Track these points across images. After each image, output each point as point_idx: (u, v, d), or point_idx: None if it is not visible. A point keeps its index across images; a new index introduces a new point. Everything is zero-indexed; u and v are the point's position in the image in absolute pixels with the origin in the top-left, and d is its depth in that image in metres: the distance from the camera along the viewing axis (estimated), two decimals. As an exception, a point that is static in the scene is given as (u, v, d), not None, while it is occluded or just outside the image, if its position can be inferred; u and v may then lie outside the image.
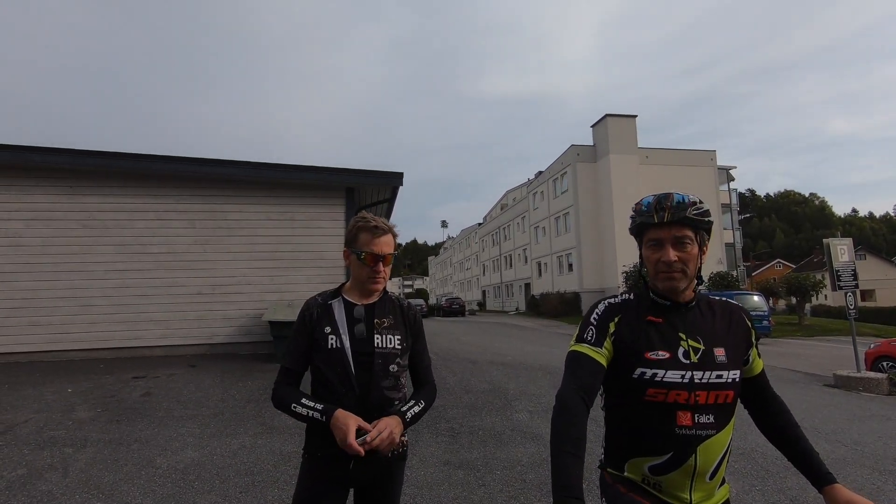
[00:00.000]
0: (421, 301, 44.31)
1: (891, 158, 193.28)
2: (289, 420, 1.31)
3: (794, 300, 27.28)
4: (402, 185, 9.17)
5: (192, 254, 8.67)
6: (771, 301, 28.69)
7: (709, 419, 1.28)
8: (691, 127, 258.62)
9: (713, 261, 32.36)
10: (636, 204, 1.41)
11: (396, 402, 1.70)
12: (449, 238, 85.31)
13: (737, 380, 1.33)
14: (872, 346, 10.21)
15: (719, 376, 1.30)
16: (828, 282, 9.62)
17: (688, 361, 1.31)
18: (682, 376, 1.29)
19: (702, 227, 1.36)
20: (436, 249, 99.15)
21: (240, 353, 8.67)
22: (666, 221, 1.33)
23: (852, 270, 9.13)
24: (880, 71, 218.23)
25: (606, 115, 33.98)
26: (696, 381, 1.29)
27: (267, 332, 8.17)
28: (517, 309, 44.92)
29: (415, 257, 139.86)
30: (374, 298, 1.77)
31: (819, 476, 1.30)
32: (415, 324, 1.83)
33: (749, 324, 1.43)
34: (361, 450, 1.48)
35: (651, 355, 1.31)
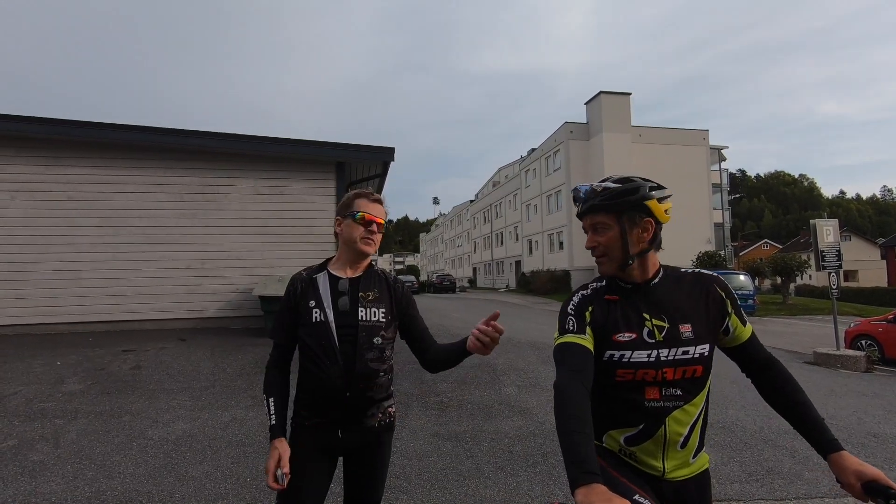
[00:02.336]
0: (412, 278, 44.45)
1: (879, 141, 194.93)
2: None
3: (779, 280, 27.75)
4: (393, 160, 9.08)
5: (181, 227, 8.57)
6: (756, 281, 29.16)
7: (676, 392, 1.34)
8: (684, 107, 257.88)
9: (702, 240, 32.69)
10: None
11: (381, 374, 1.73)
12: (441, 215, 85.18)
13: (706, 354, 1.35)
14: (853, 325, 10.48)
15: (685, 352, 1.34)
16: (813, 262, 9.78)
17: (653, 340, 1.35)
18: (649, 355, 1.33)
19: (619, 208, 1.37)
20: (427, 226, 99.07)
21: (230, 327, 8.68)
22: (581, 212, 1.42)
23: (836, 251, 9.27)
24: (872, 55, 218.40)
25: (601, 93, 33.66)
26: (663, 358, 1.33)
27: (257, 306, 8.17)
28: (507, 286, 45.24)
29: (406, 234, 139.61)
30: (360, 272, 1.80)
31: (823, 443, 1.28)
32: (403, 296, 1.84)
33: (722, 294, 1.42)
34: (277, 486, 1.54)
35: (618, 337, 1.36)
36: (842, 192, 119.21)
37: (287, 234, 8.91)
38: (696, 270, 1.48)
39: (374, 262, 1.89)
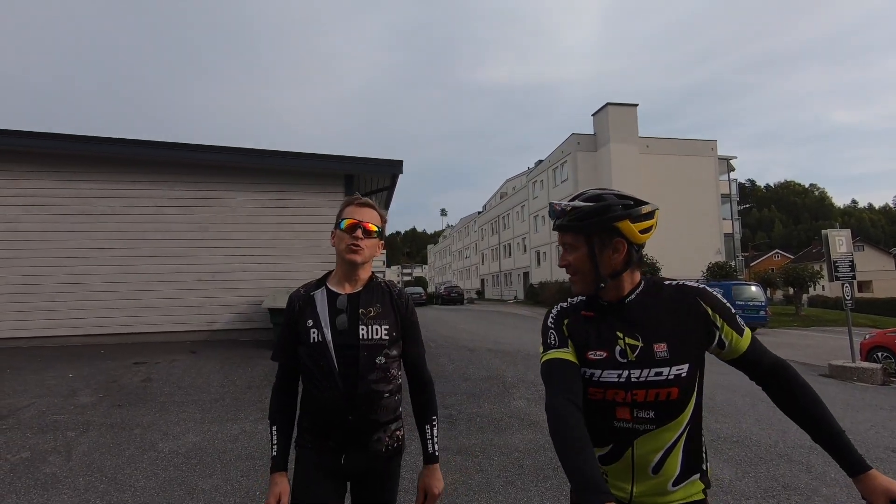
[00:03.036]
0: (420, 289, 44.39)
1: (891, 150, 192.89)
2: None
3: (791, 291, 27.41)
4: (401, 172, 9.15)
5: (191, 240, 8.67)
6: (769, 291, 28.80)
7: (649, 415, 1.26)
8: (692, 117, 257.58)
9: (712, 251, 32.43)
10: None
11: (386, 395, 1.64)
12: (448, 227, 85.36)
13: (682, 375, 1.26)
14: (868, 336, 10.31)
15: (658, 373, 1.26)
16: (825, 273, 9.66)
17: (625, 360, 1.28)
18: (619, 375, 1.28)
19: (587, 230, 1.30)
20: (435, 238, 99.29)
21: (240, 339, 8.72)
22: (553, 229, 1.40)
23: (850, 261, 9.17)
24: (882, 63, 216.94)
25: (607, 104, 33.76)
26: (633, 379, 1.27)
27: (267, 318, 8.21)
28: (515, 297, 45.06)
29: (414, 245, 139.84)
30: (360, 286, 1.70)
31: (850, 463, 1.19)
32: (406, 311, 1.73)
33: (706, 308, 1.31)
34: None
35: (591, 355, 1.31)
36: (854, 202, 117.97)
37: (296, 247, 8.97)
38: (679, 283, 1.38)
39: (377, 275, 1.78)
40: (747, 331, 1.34)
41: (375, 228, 1.70)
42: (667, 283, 1.38)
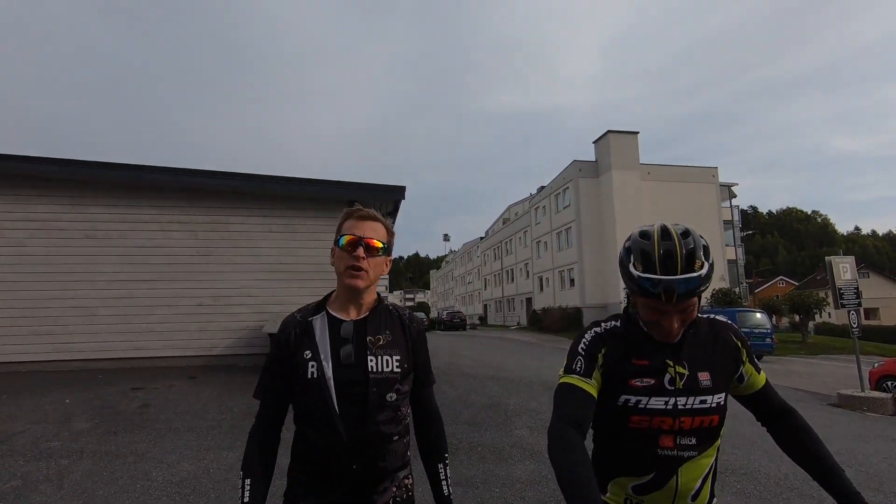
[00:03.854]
0: (422, 314, 44.17)
1: (892, 177, 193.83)
2: (285, 435, 1.29)
3: (797, 318, 27.12)
4: (403, 198, 9.22)
5: (194, 265, 8.70)
6: (774, 319, 28.49)
7: (691, 441, 1.28)
8: (693, 144, 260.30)
9: (716, 278, 32.27)
10: (637, 262, 1.22)
11: (395, 438, 1.41)
12: (451, 252, 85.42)
13: (721, 403, 1.31)
14: (876, 365, 10.13)
15: (703, 401, 1.28)
16: (831, 300, 9.57)
17: (672, 388, 1.28)
18: (666, 402, 1.27)
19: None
20: (437, 263, 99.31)
21: (240, 364, 8.64)
22: (675, 302, 1.19)
23: (855, 288, 9.09)
24: (880, 91, 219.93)
25: (608, 132, 34.18)
26: (680, 406, 1.27)
27: (267, 343, 8.14)
28: (518, 323, 44.70)
29: (416, 271, 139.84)
30: (366, 311, 1.45)
31: (844, 496, 1.22)
32: (418, 340, 1.50)
33: (737, 342, 1.39)
34: None
35: (636, 382, 1.29)
36: (857, 229, 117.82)
37: (298, 272, 8.98)
38: (710, 317, 1.43)
39: (383, 297, 1.53)
40: (763, 371, 1.43)
41: (380, 245, 1.43)
42: (697, 316, 1.36)
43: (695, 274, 1.16)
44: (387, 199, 9.51)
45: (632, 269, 1.22)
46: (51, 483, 3.96)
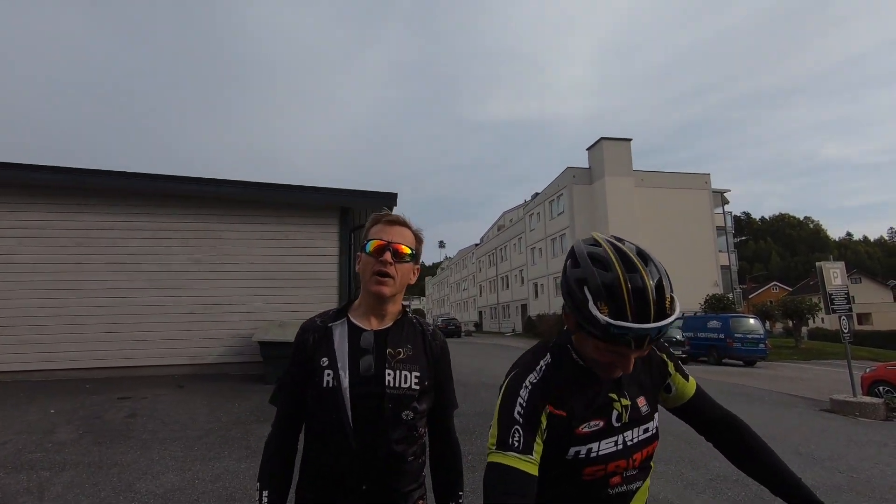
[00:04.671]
0: None
1: (882, 183, 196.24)
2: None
3: (790, 323, 27.24)
4: (395, 205, 9.19)
5: (184, 272, 8.62)
6: (768, 324, 28.58)
7: (635, 472, 1.17)
8: (686, 151, 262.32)
9: (709, 283, 32.39)
10: (599, 301, 0.97)
11: (410, 458, 1.32)
12: (446, 258, 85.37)
13: (657, 425, 1.20)
14: (868, 370, 10.15)
15: (646, 430, 1.17)
16: (823, 305, 9.61)
17: (619, 424, 1.13)
18: (616, 443, 1.12)
19: None
20: (433, 269, 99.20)
21: (230, 373, 8.55)
22: (644, 347, 1.00)
23: (845, 294, 9.13)
24: (869, 98, 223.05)
25: (602, 139, 34.43)
26: (629, 443, 1.13)
27: (258, 352, 8.07)
28: (514, 330, 44.65)
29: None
30: (388, 321, 1.37)
31: None
32: (441, 357, 1.41)
33: (661, 355, 1.26)
34: None
35: (584, 429, 1.09)
36: (849, 234, 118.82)
37: (290, 279, 8.93)
38: None
39: (408, 309, 1.45)
40: (692, 378, 1.30)
41: (409, 251, 1.36)
42: None
43: (671, 318, 0.97)
44: (378, 206, 9.47)
45: (594, 310, 0.96)
46: (31, 495, 3.88)
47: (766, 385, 11.88)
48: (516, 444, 1.03)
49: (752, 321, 18.64)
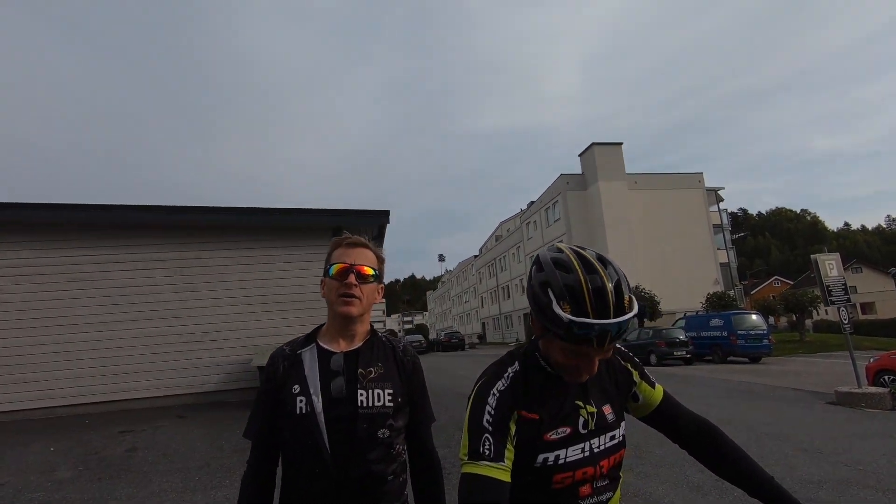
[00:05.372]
0: (419, 336, 43.83)
1: (876, 173, 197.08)
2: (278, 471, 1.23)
3: (794, 317, 27.16)
4: (388, 222, 9.24)
5: (177, 302, 8.62)
6: (772, 319, 28.52)
7: (605, 482, 1.16)
8: (679, 152, 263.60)
9: (709, 282, 32.36)
10: (562, 301, 1.00)
11: (390, 477, 1.32)
12: (446, 271, 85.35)
13: (624, 433, 1.21)
14: (872, 359, 10.09)
15: (613, 437, 1.17)
16: (822, 297, 9.60)
17: (586, 431, 1.14)
18: (583, 450, 1.13)
19: None
20: (434, 283, 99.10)
21: (229, 400, 8.50)
22: (606, 346, 1.02)
23: (843, 284, 9.12)
24: (856, 92, 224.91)
25: (593, 144, 34.67)
26: (596, 450, 1.14)
27: (256, 377, 8.03)
28: (517, 339, 44.45)
29: (414, 293, 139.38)
30: (358, 342, 1.38)
31: None
32: (413, 372, 1.42)
33: (625, 364, 1.28)
34: None
35: (551, 436, 1.10)
36: (846, 224, 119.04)
37: (285, 303, 8.92)
38: None
39: (377, 329, 1.48)
40: (659, 385, 1.31)
41: (372, 272, 1.38)
42: None
43: (630, 315, 1.01)
44: (371, 224, 9.53)
45: (557, 310, 0.99)
46: (29, 537, 3.84)
47: (771, 381, 11.81)
48: (487, 452, 1.03)
49: (754, 317, 18.58)
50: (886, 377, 9.41)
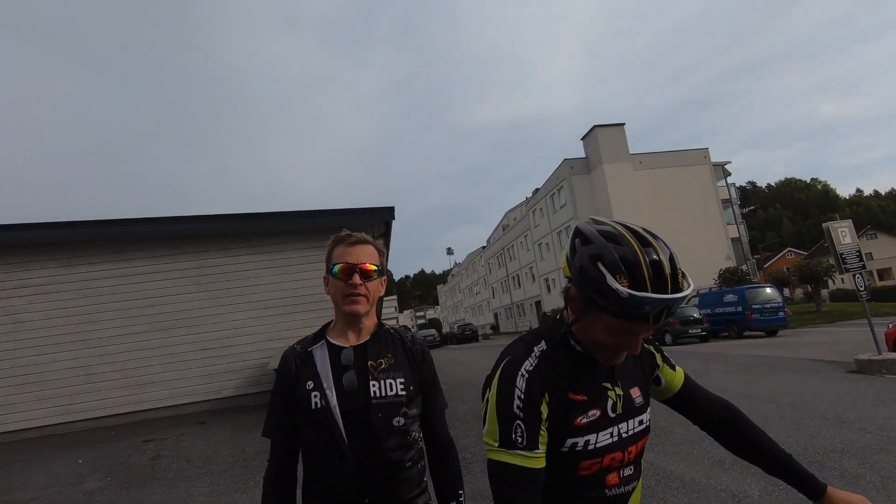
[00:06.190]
0: (433, 331, 43.96)
1: (885, 136, 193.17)
2: (299, 467, 1.24)
3: (809, 288, 26.85)
4: (393, 218, 9.24)
5: (190, 311, 8.72)
6: (787, 291, 28.19)
7: (631, 470, 1.11)
8: (683, 129, 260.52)
9: (721, 257, 32.06)
10: (617, 275, 0.93)
11: (408, 465, 1.34)
12: (455, 265, 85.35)
13: (650, 419, 1.17)
14: (891, 325, 9.95)
15: (640, 422, 1.12)
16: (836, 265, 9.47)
17: (614, 415, 1.08)
18: (611, 434, 1.07)
19: None
20: (443, 277, 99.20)
21: (249, 404, 8.60)
22: (661, 322, 0.96)
23: (857, 251, 8.99)
24: (858, 55, 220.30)
25: (595, 126, 34.33)
26: (624, 435, 1.09)
27: (273, 380, 8.11)
28: (530, 328, 44.41)
29: (424, 288, 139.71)
30: (366, 336, 1.41)
31: (812, 486, 1.12)
32: (423, 361, 1.45)
33: (650, 348, 1.24)
34: None
35: (582, 420, 1.04)
36: (859, 191, 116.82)
37: (296, 304, 8.99)
38: None
39: (385, 322, 1.51)
40: (679, 368, 1.27)
41: (374, 267, 1.40)
42: None
43: (688, 290, 0.94)
44: (377, 221, 9.54)
45: (614, 284, 0.91)
46: (63, 547, 3.92)
47: (789, 353, 11.70)
48: (520, 439, 0.98)
49: (768, 290, 18.37)
50: (906, 342, 9.28)
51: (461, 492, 1.44)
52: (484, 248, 64.14)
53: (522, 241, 46.99)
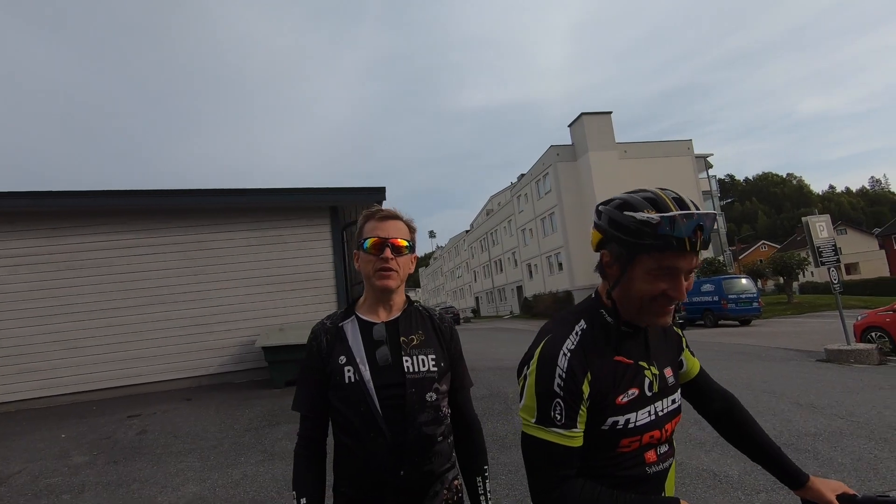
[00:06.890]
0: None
1: (860, 134, 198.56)
2: (290, 445, 1.24)
3: (781, 280, 27.70)
4: (385, 199, 9.18)
5: (179, 286, 8.57)
6: (759, 282, 29.04)
7: (666, 448, 1.13)
8: (668, 120, 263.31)
9: (699, 248, 32.74)
10: (644, 209, 0.98)
11: (440, 439, 1.36)
12: (438, 248, 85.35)
13: (681, 399, 1.20)
14: (860, 317, 10.40)
15: (674, 401, 1.14)
16: (811, 259, 9.79)
17: (651, 394, 1.09)
18: (650, 413, 1.08)
19: None
20: (426, 260, 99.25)
21: (235, 381, 8.57)
22: (698, 249, 0.96)
23: (833, 246, 9.31)
24: (842, 49, 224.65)
25: (582, 114, 34.41)
26: (660, 413, 1.10)
27: (261, 358, 8.09)
28: (511, 312, 44.95)
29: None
30: (396, 312, 1.42)
31: (795, 476, 1.17)
32: (451, 338, 1.47)
33: (678, 331, 1.27)
34: None
35: (623, 398, 1.06)
36: (831, 187, 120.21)
37: (286, 283, 8.92)
38: None
39: (413, 300, 1.52)
40: (695, 355, 1.33)
41: (405, 243, 1.40)
42: None
43: (712, 210, 1.05)
44: (367, 201, 9.46)
45: (643, 216, 0.96)
46: (54, 519, 3.91)
47: (762, 342, 12.13)
48: (559, 417, 1.00)
49: (744, 281, 18.93)
50: (873, 334, 9.73)
51: (486, 467, 1.48)
52: (467, 231, 64.23)
53: (506, 227, 47.20)
